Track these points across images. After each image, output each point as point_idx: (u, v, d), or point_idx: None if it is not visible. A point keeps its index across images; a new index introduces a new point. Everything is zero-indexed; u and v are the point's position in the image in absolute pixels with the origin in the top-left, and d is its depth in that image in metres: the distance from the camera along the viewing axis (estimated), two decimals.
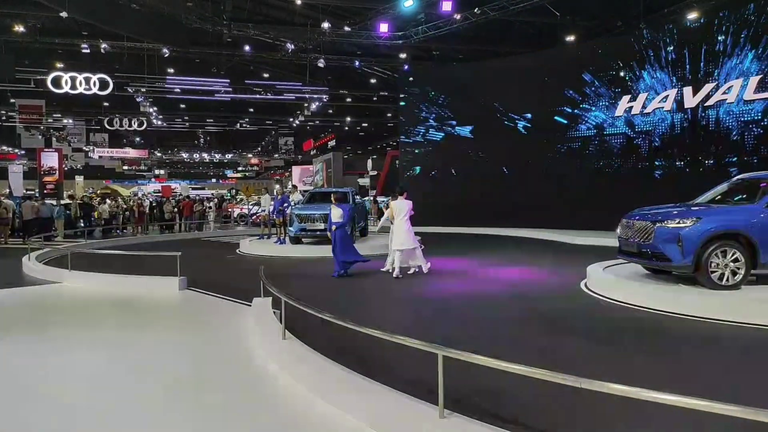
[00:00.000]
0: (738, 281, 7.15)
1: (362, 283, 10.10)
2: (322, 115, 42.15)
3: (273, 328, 5.92)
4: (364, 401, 3.98)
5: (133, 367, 5.36)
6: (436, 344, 3.77)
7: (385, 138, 51.39)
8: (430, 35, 21.25)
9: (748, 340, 5.87)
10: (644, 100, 17.56)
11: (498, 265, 11.84)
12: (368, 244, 15.34)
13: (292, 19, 23.21)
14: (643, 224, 7.86)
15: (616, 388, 2.93)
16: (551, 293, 8.72)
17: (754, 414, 2.47)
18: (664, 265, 7.65)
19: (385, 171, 44.07)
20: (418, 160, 24.14)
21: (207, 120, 45.89)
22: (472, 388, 4.31)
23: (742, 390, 4.43)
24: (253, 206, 28.75)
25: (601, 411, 3.86)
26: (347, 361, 4.80)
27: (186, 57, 26.11)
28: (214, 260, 14.02)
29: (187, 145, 60.58)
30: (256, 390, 4.69)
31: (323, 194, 17.24)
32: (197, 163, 69.11)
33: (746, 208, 7.56)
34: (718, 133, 15.90)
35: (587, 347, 5.77)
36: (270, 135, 55.62)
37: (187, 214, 23.53)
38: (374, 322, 6.23)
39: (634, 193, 15.28)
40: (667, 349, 5.66)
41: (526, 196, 20.06)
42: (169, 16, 20.73)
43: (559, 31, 21.14)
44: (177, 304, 8.58)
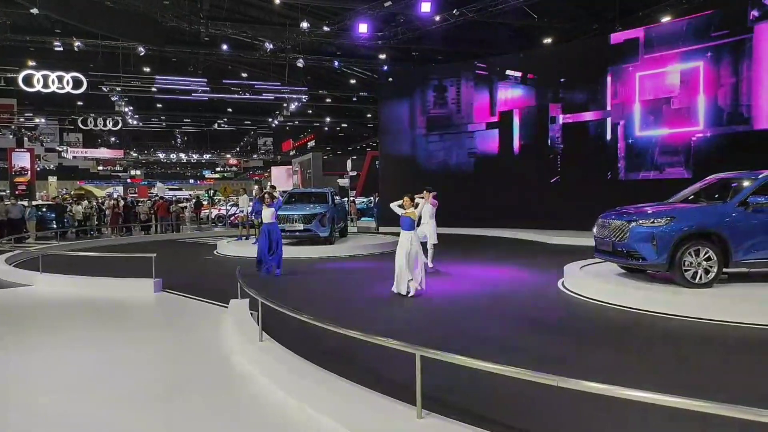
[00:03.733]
0: (710, 279, 7.29)
1: (340, 284, 10.05)
2: (302, 116, 41.97)
3: (250, 329, 5.84)
4: (341, 402, 3.94)
5: (107, 371, 5.24)
6: (413, 344, 3.75)
7: (365, 139, 51.37)
8: (409, 36, 21.30)
9: (718, 337, 5.98)
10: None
11: (476, 265, 11.90)
12: (348, 244, 15.33)
13: (270, 19, 23.04)
14: (619, 224, 7.96)
15: (592, 386, 2.95)
16: (529, 292, 8.78)
17: (726, 410, 2.50)
18: (639, 263, 7.76)
19: (365, 171, 44.04)
20: (397, 161, 24.15)
21: (184, 120, 45.34)
22: (451, 387, 4.30)
23: (714, 385, 4.50)
24: (231, 207, 28.48)
25: (579, 409, 3.88)
26: (326, 362, 4.75)
27: (162, 56, 25.76)
28: (191, 262, 13.83)
29: (163, 145, 59.78)
30: (233, 392, 4.62)
31: (302, 195, 17.16)
32: (174, 163, 68.27)
33: (718, 208, 7.71)
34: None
35: (564, 346, 5.81)
36: (249, 135, 55.21)
37: (162, 214, 23.18)
38: (353, 323, 6.19)
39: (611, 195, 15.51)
40: (641, 347, 5.74)
41: (504, 197, 20.22)
42: (145, 14, 20.41)
43: (537, 33, 21.35)
44: (152, 307, 8.43)
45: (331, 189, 18.20)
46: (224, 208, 29.94)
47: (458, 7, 18.71)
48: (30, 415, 4.19)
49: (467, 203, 20.28)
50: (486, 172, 21.46)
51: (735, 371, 4.92)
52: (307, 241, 14.75)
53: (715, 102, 15.64)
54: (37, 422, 4.06)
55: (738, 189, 7.82)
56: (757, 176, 7.80)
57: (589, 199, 16.48)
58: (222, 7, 22.16)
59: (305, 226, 14.34)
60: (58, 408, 4.32)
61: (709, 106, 15.76)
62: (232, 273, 7.70)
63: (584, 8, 19.94)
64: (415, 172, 23.12)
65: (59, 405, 4.39)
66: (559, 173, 19.65)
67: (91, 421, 4.06)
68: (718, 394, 4.09)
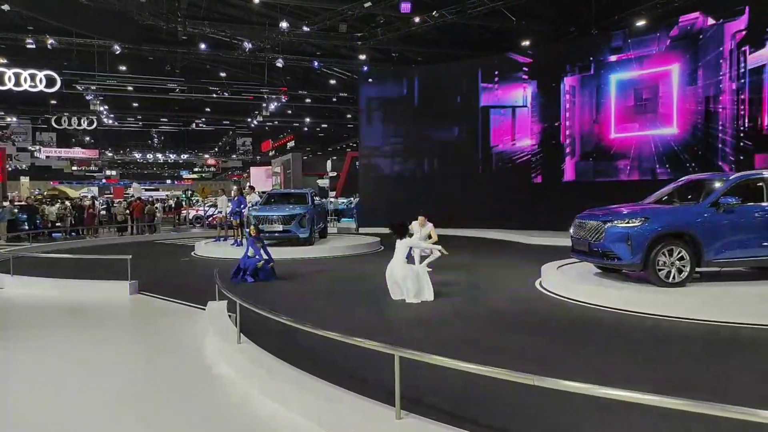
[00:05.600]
0: (683, 278, 7.44)
1: (319, 286, 10.02)
2: (281, 116, 41.69)
3: (228, 332, 5.79)
4: (319, 404, 3.93)
5: (81, 375, 5.14)
6: (392, 345, 3.76)
7: (345, 139, 51.26)
8: (389, 37, 21.32)
9: (690, 335, 6.11)
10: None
11: (455, 265, 11.94)
12: (328, 245, 15.27)
13: (249, 18, 22.83)
14: (595, 224, 8.08)
15: (568, 384, 2.99)
16: (507, 293, 8.86)
17: (701, 407, 2.56)
18: (614, 263, 7.89)
19: (345, 172, 43.97)
20: (377, 162, 24.16)
21: (161, 119, 44.70)
22: (430, 388, 4.32)
23: (689, 382, 4.60)
24: (209, 208, 28.17)
25: (557, 407, 3.93)
26: (304, 364, 4.73)
27: (138, 54, 25.34)
28: (168, 263, 13.64)
29: (140, 145, 58.89)
30: (210, 395, 4.58)
31: (281, 195, 17.04)
32: (151, 163, 67.32)
33: (691, 208, 7.87)
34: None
35: (542, 345, 5.88)
36: (227, 135, 54.69)
37: (138, 215, 22.83)
38: (333, 324, 6.17)
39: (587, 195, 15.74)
40: (618, 346, 5.83)
41: (481, 198, 20.38)
42: (121, 12, 20.06)
43: (515, 36, 21.55)
44: (127, 309, 8.29)
45: (311, 190, 18.12)
46: (202, 209, 29.58)
47: (438, 9, 18.80)
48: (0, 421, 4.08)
49: (447, 204, 20.36)
50: (464, 172, 21.59)
51: (707, 368, 5.03)
52: (287, 242, 14.65)
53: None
54: (6, 428, 3.96)
55: (710, 190, 8.00)
56: (728, 178, 8.00)
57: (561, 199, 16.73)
58: (200, 6, 21.90)
59: (284, 227, 14.24)
60: (30, 413, 4.22)
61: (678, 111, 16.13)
62: (210, 275, 7.62)
63: (561, 11, 20.19)
64: (394, 172, 23.18)
65: (31, 410, 4.29)
66: (536, 175, 19.86)
67: (65, 426, 3.98)
68: (688, 391, 4.18)
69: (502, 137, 20.88)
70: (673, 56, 16.23)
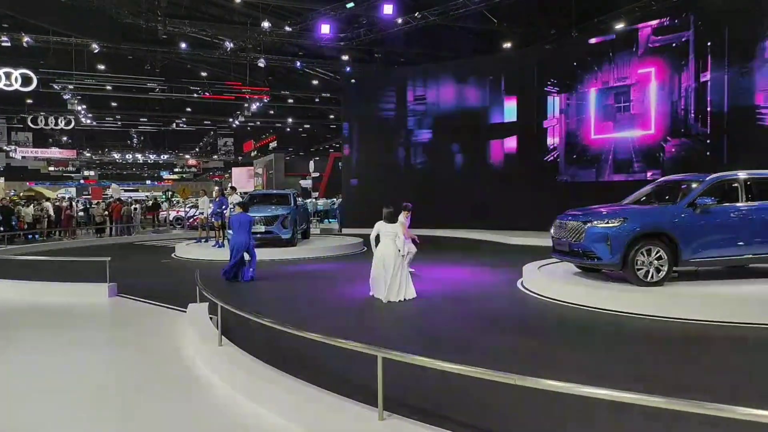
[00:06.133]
0: (661, 278, 7.56)
1: (302, 287, 9.98)
2: (263, 116, 41.44)
3: (209, 334, 5.73)
4: (302, 406, 3.92)
5: (60, 379, 5.05)
6: (375, 346, 3.76)
7: (328, 140, 51.11)
8: (371, 38, 21.33)
9: (668, 333, 6.21)
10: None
11: (437, 265, 11.99)
12: (310, 246, 15.22)
13: (231, 18, 22.67)
14: (575, 224, 8.18)
15: (549, 383, 3.02)
16: (489, 293, 8.92)
17: (678, 404, 2.60)
18: (594, 263, 7.99)
19: (328, 173, 43.87)
20: (361, 163, 24.15)
21: (140, 119, 44.11)
22: (413, 388, 4.33)
23: (666, 379, 4.68)
24: (190, 209, 27.87)
25: (539, 406, 3.97)
26: (287, 366, 4.71)
27: (117, 53, 24.98)
28: (148, 265, 13.46)
29: (119, 145, 58.05)
30: (191, 398, 4.53)
31: (264, 196, 16.94)
32: (130, 164, 66.42)
33: (669, 209, 8.01)
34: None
35: (523, 344, 5.93)
36: (208, 135, 54.18)
37: (117, 217, 22.50)
38: (315, 326, 6.16)
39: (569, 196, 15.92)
40: (598, 344, 5.91)
41: (465, 198, 20.48)
42: (99, 10, 19.75)
43: (497, 38, 21.72)
44: (106, 312, 8.16)
45: (294, 190, 18.03)
46: (183, 210, 29.25)
47: (420, 10, 18.87)
48: None
49: (429, 204, 20.42)
50: (448, 174, 21.69)
51: (685, 366, 5.12)
52: (269, 243, 14.56)
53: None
54: None
55: (687, 191, 8.14)
56: (704, 179, 8.14)
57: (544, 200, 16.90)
58: (181, 5, 21.68)
59: (267, 228, 14.16)
60: (5, 418, 4.13)
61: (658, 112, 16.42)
62: (191, 276, 7.55)
63: (542, 14, 20.40)
64: (378, 173, 23.17)
65: (6, 415, 4.20)
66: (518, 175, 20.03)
67: (42, 430, 3.90)
68: (665, 388, 4.26)
69: (486, 137, 21.00)
70: (651, 59, 16.50)
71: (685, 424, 3.53)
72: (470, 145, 21.36)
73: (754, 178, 8.11)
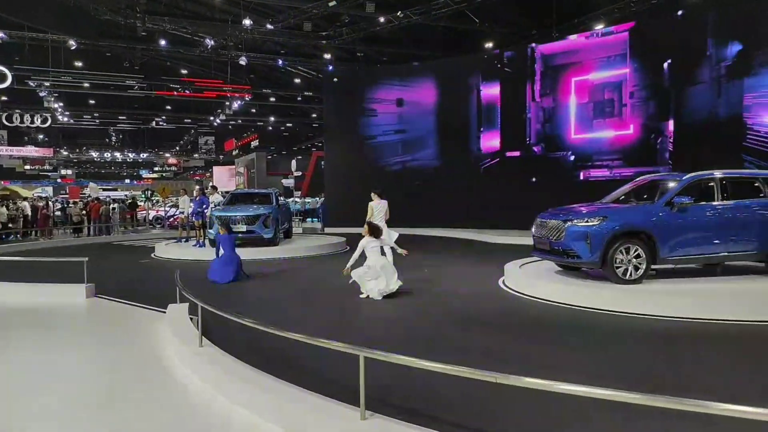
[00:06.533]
0: (639, 276, 7.67)
1: (284, 287, 9.92)
2: (245, 114, 41.12)
3: (189, 335, 5.67)
4: (284, 406, 3.89)
5: (35, 382, 4.94)
6: (357, 346, 3.75)
7: (310, 138, 50.91)
8: (354, 37, 21.29)
9: (647, 330, 6.30)
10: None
11: (421, 264, 12.01)
12: (292, 246, 15.14)
13: (211, 15, 22.42)
14: (556, 223, 8.26)
15: (530, 381, 3.04)
16: (471, 291, 8.95)
17: (657, 401, 2.64)
18: (574, 261, 8.08)
19: (311, 172, 43.72)
20: (343, 162, 24.10)
21: (119, 117, 43.45)
22: (395, 388, 4.32)
23: (645, 376, 4.75)
24: (170, 208, 27.54)
25: (520, 404, 3.99)
26: (269, 367, 4.67)
27: (95, 50, 24.57)
28: (127, 265, 13.27)
29: (97, 143, 57.13)
30: (171, 400, 4.47)
31: (245, 195, 16.80)
32: (109, 162, 65.44)
33: (647, 208, 8.13)
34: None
35: (504, 343, 5.97)
36: (189, 134, 53.61)
37: (95, 216, 22.13)
38: (296, 325, 6.13)
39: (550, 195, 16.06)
40: (576, 342, 5.97)
41: (448, 198, 20.57)
42: (76, 6, 19.40)
43: (479, 38, 21.83)
44: (84, 313, 8.02)
45: (275, 190, 17.92)
46: (163, 209, 28.88)
47: (403, 10, 18.88)
48: None
49: (411, 204, 20.47)
50: (430, 173, 21.75)
51: (661, 362, 5.20)
52: (251, 243, 14.44)
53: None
54: None
55: (664, 190, 8.27)
56: (681, 178, 8.28)
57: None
58: (160, 2, 21.40)
59: (248, 227, 14.04)
60: None
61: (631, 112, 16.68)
62: (171, 277, 7.45)
63: (524, 14, 20.56)
64: (360, 172, 23.14)
65: None
66: (500, 175, 20.18)
67: None
68: (644, 384, 4.32)
69: (469, 137, 21.10)
70: (629, 59, 16.74)
71: (664, 420, 3.58)
72: (454, 144, 21.44)
73: (729, 177, 8.28)
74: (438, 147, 21.92)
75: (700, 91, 15.20)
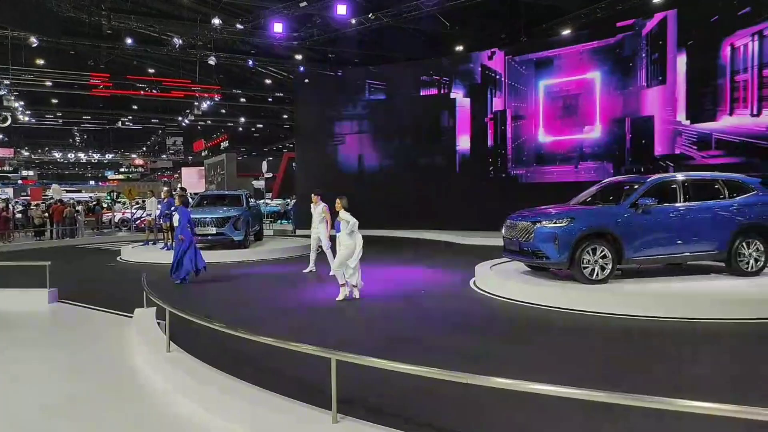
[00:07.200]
0: (606, 276, 7.85)
1: (255, 290, 9.82)
2: (214, 115, 40.53)
3: (157, 340, 5.56)
4: (255, 411, 3.85)
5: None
6: (329, 349, 3.74)
7: (281, 140, 50.49)
8: (325, 38, 21.21)
9: (613, 329, 6.45)
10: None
11: (390, 266, 12.05)
12: (263, 248, 14.99)
13: (180, 14, 22.02)
14: (525, 225, 8.38)
15: (499, 381, 3.08)
16: (442, 292, 9.02)
17: (620, 398, 2.70)
18: (543, 262, 8.21)
19: (282, 173, 43.36)
20: (314, 163, 23.97)
21: (83, 117, 42.31)
22: (368, 391, 4.32)
23: (611, 374, 4.86)
24: (137, 210, 26.95)
25: (492, 404, 4.04)
26: (239, 371, 4.62)
27: (58, 48, 23.85)
28: (91, 269, 12.94)
29: (60, 143, 55.54)
30: (139, 407, 4.37)
31: (215, 197, 16.57)
32: (72, 163, 63.70)
33: (612, 209, 8.32)
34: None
35: (475, 343, 6.02)
36: (156, 134, 52.58)
37: (58, 219, 21.49)
38: (267, 328, 6.07)
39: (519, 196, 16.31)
40: (545, 341, 6.07)
41: (419, 199, 20.66)
42: (38, 3, 18.80)
43: (449, 41, 22.01)
44: (46, 319, 7.79)
45: (246, 191, 17.71)
46: (129, 211, 28.24)
47: (374, 12, 18.90)
48: None
49: (381, 205, 20.51)
50: (400, 174, 21.81)
51: (631, 360, 5.33)
52: (220, 245, 14.25)
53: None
54: None
55: (629, 192, 8.48)
56: (645, 180, 8.51)
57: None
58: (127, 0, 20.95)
59: (218, 229, 13.85)
60: None
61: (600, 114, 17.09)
62: (138, 280, 7.29)
63: (493, 18, 20.82)
64: (332, 174, 23.06)
65: None
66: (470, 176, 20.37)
67: None
68: (608, 382, 4.42)
69: (439, 139, 21.25)
70: (596, 63, 17.12)
71: (631, 417, 3.67)
72: (424, 146, 21.55)
73: (690, 179, 8.55)
74: (408, 149, 22.00)
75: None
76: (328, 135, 23.52)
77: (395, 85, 22.17)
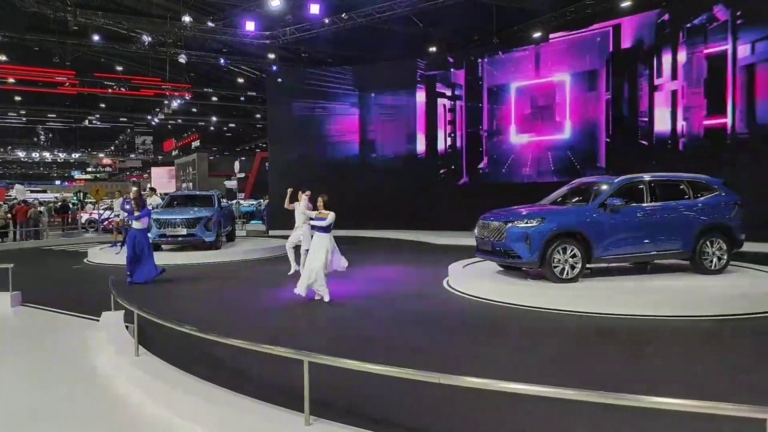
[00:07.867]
0: (576, 275, 7.99)
1: (226, 292, 9.70)
2: (185, 114, 39.94)
3: (125, 344, 5.43)
4: (226, 415, 3.80)
5: None
6: (302, 351, 3.72)
7: (254, 139, 50.01)
8: (298, 37, 21.09)
9: (582, 327, 6.57)
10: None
11: (365, 265, 12.03)
12: (235, 249, 14.81)
13: (149, 11, 21.64)
14: (497, 224, 8.48)
15: (471, 381, 3.11)
16: (416, 292, 9.03)
17: (596, 396, 2.75)
18: (514, 261, 8.31)
19: (254, 173, 42.89)
20: (287, 163, 23.78)
21: (48, 115, 41.17)
22: (341, 392, 4.31)
23: (580, 372, 4.94)
24: (104, 211, 26.33)
25: (464, 403, 4.07)
26: (210, 374, 4.55)
27: (22, 44, 23.20)
28: (57, 272, 12.59)
29: (24, 142, 53.94)
30: (106, 414, 4.27)
31: (185, 198, 16.29)
32: (37, 163, 61.92)
33: (582, 209, 8.47)
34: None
35: (448, 343, 6.06)
36: (125, 133, 51.51)
37: (22, 220, 20.85)
38: (241, 332, 6.00)
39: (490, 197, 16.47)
40: (517, 340, 6.15)
41: (391, 199, 20.69)
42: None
43: (423, 42, 22.13)
44: (9, 324, 7.54)
45: (217, 191, 17.47)
46: (96, 212, 27.57)
47: (347, 12, 18.87)
48: None
49: (354, 205, 20.47)
50: (373, 174, 21.82)
51: (600, 358, 5.43)
52: (191, 246, 14.02)
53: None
54: None
55: (598, 192, 8.65)
56: (613, 181, 8.69)
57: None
58: None
59: (189, 230, 13.60)
60: None
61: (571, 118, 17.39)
62: (105, 283, 7.12)
63: (466, 20, 21.01)
64: (306, 174, 22.91)
65: None
66: (442, 177, 20.51)
67: None
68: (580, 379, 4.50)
69: (413, 139, 21.32)
70: (566, 65, 17.42)
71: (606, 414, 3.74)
72: (396, 147, 21.59)
73: (657, 179, 8.76)
74: (382, 149, 22.01)
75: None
76: (302, 134, 23.36)
77: (369, 84, 22.14)
